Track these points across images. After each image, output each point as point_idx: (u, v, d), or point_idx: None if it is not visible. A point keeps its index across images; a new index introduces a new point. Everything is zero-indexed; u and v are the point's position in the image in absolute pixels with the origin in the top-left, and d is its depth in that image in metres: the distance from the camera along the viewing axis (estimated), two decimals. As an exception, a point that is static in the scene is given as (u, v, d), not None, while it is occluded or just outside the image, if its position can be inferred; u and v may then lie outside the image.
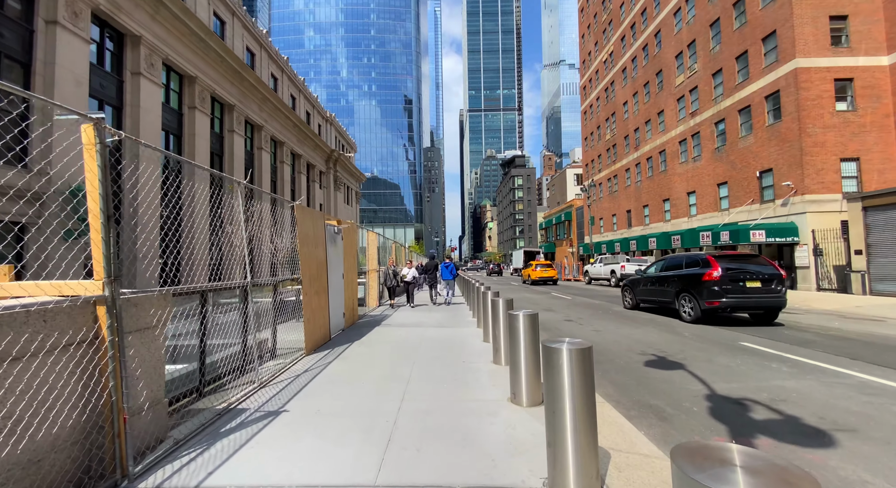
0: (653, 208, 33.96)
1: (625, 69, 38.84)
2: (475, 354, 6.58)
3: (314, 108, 44.16)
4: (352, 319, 9.77)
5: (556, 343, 2.94)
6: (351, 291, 9.63)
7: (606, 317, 11.69)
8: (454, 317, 11.17)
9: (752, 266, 10.19)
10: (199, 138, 23.55)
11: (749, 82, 23.00)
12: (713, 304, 9.78)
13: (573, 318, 11.45)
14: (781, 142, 20.96)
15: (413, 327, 9.41)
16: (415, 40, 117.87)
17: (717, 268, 9.97)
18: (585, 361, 2.78)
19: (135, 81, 19.20)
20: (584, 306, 14.61)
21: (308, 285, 6.71)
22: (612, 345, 7.74)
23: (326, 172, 46.39)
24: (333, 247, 8.31)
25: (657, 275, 12.16)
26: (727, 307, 9.74)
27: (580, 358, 2.77)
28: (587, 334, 8.99)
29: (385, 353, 6.71)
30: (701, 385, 5.30)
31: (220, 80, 25.46)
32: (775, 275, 10.01)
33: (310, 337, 6.67)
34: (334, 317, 8.22)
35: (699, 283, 10.16)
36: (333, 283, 8.20)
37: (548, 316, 12.07)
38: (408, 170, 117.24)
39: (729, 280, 9.85)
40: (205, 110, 24.00)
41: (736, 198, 24.24)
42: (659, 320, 10.80)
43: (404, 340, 7.81)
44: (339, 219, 8.93)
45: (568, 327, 10.01)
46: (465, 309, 13.60)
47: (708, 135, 26.63)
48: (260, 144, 31.05)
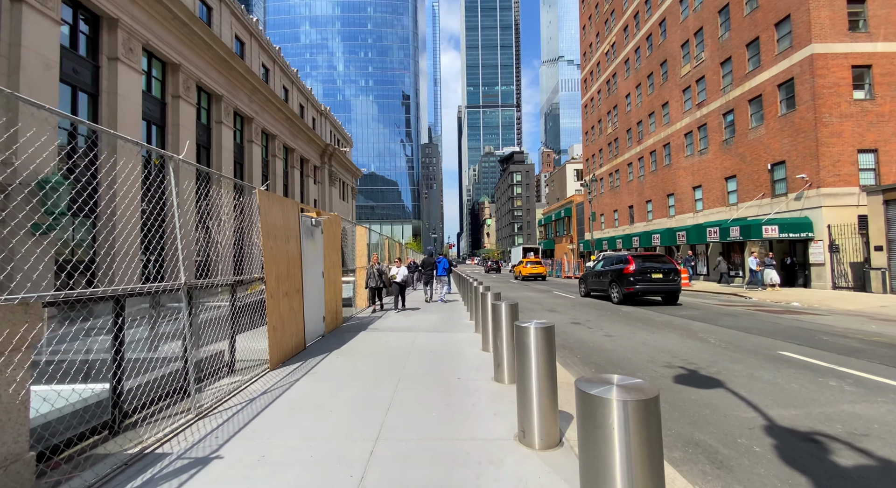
0: (656, 203, 32.95)
1: (627, 60, 37.73)
2: (473, 368, 5.54)
3: (308, 100, 42.96)
4: (334, 323, 8.72)
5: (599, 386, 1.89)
6: (333, 292, 8.58)
7: (616, 318, 10.67)
8: (450, 319, 10.14)
9: (657, 263, 13.86)
10: (184, 129, 22.39)
11: (760, 70, 21.94)
12: (630, 290, 13.53)
13: (580, 320, 10.43)
14: (795, 133, 19.93)
15: (403, 332, 8.37)
16: (412, 34, 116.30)
17: (632, 264, 13.66)
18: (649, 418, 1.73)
19: (112, 67, 18.01)
20: (589, 306, 13.58)
21: (274, 286, 5.66)
22: (630, 355, 6.72)
23: (321, 167, 45.25)
24: (311, 242, 7.25)
25: (599, 270, 15.78)
26: (639, 292, 13.56)
27: (640, 413, 1.71)
28: (599, 340, 7.96)
29: (366, 367, 5.66)
30: (752, 410, 4.28)
31: (207, 68, 24.29)
32: (673, 269, 13.84)
33: (276, 348, 5.62)
34: (311, 322, 7.17)
35: (622, 275, 13.90)
36: (310, 283, 7.15)
37: (552, 318, 11.05)
38: (405, 167, 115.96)
39: (640, 273, 13.55)
40: (190, 100, 22.84)
41: (745, 192, 23.22)
42: (677, 322, 9.78)
43: (391, 349, 6.77)
44: (319, 210, 7.88)
45: (576, 332, 8.98)
46: (462, 308, 12.58)
47: (715, 127, 25.59)
48: (250, 137, 29.89)
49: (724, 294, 18.28)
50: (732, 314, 11.22)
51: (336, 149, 46.61)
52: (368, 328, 8.91)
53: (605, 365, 6.19)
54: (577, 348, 7.31)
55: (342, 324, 9.27)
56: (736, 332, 8.42)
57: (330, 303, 8.30)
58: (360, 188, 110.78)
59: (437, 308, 12.48)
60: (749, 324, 9.49)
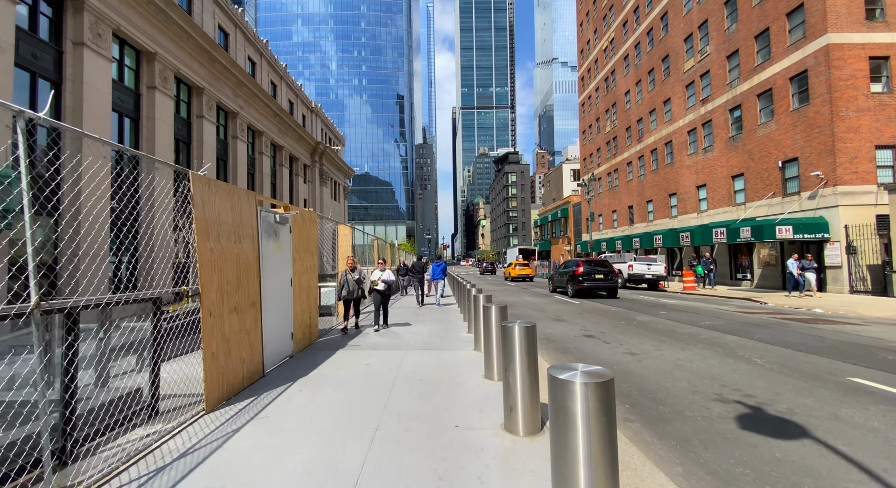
0: (657, 203, 31.87)
1: (627, 56, 36.69)
2: (475, 408, 4.23)
3: (298, 97, 41.51)
4: (307, 339, 7.37)
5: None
6: (306, 302, 7.24)
7: (631, 330, 9.41)
8: (444, 330, 8.83)
9: (600, 267, 17.84)
10: (160, 122, 20.94)
11: (771, 63, 20.88)
12: (580, 287, 17.39)
13: (593, 332, 9.16)
14: (809, 128, 18.87)
15: (388, 350, 7.04)
16: (406, 34, 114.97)
17: (581, 267, 17.66)
18: None
19: (77, 53, 16.55)
20: (598, 314, 12.34)
21: (216, 300, 4.33)
22: (666, 381, 5.45)
23: (311, 166, 43.83)
24: (274, 243, 5.91)
25: (561, 271, 19.98)
26: (586, 288, 17.40)
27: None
28: (622, 360, 6.69)
29: (335, 407, 4.33)
30: (872, 482, 3.01)
31: (187, 59, 22.85)
32: (611, 270, 17.74)
33: (216, 382, 4.28)
34: (273, 341, 5.83)
35: (574, 275, 17.75)
36: (273, 294, 5.81)
37: (561, 329, 9.77)
38: (399, 167, 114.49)
39: (586, 274, 17.46)
40: (167, 91, 21.39)
41: (754, 191, 22.15)
42: (704, 336, 8.55)
43: (370, 377, 5.44)
44: (287, 204, 6.54)
45: (593, 348, 7.70)
46: (457, 314, 11.27)
47: (721, 124, 24.53)
48: (235, 133, 28.44)
49: (737, 298, 17.14)
50: (761, 324, 10.02)
51: (327, 148, 45.22)
52: (348, 345, 7.57)
53: (638, 396, 4.91)
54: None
55: (318, 340, 7.91)
56: (781, 350, 7.18)
57: (301, 316, 6.95)
58: (354, 188, 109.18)
59: (429, 315, 11.17)
60: (789, 337, 8.27)
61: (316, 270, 7.81)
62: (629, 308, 13.66)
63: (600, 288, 17.43)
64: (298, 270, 6.83)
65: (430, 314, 11.81)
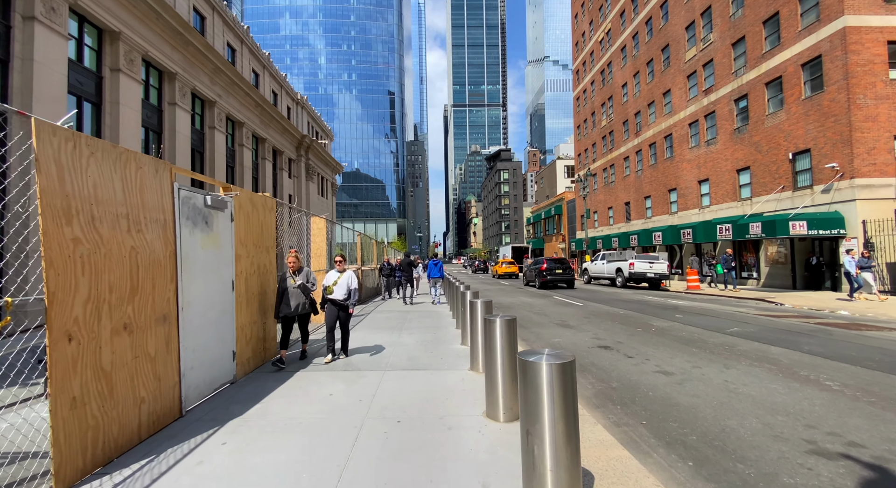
0: (656, 199, 30.72)
1: (624, 47, 35.47)
2: (479, 472, 2.79)
3: (282, 87, 39.69)
4: (260, 357, 5.86)
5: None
6: (257, 311, 5.73)
7: (653, 338, 8.06)
8: (434, 341, 7.40)
9: (559, 264, 22.26)
10: (126, 108, 19.20)
11: (781, 49, 19.72)
12: (544, 280, 21.76)
13: (608, 342, 7.79)
14: (823, 117, 17.73)
15: (362, 371, 5.58)
16: (397, 28, 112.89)
17: (545, 264, 22.11)
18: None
19: (28, 28, 14.77)
20: (606, 318, 10.98)
21: (84, 317, 2.85)
22: (727, 417, 4.06)
23: (297, 160, 42.10)
24: (203, 233, 4.41)
25: (531, 267, 23.92)
26: (549, 281, 21.82)
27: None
28: (657, 384, 5.30)
29: (266, 479, 2.87)
30: None
31: (157, 40, 21.08)
32: (568, 267, 22.36)
33: (77, 442, 2.79)
34: (201, 366, 4.32)
35: (539, 271, 22.01)
36: (201, 301, 4.32)
37: (569, 337, 8.37)
38: (390, 164, 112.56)
39: (548, 269, 21.86)
40: (134, 75, 19.63)
41: (761, 185, 21.01)
42: (744, 347, 7.21)
43: (331, 416, 3.97)
44: (228, 184, 5.03)
45: (612, 363, 6.31)
46: (448, 319, 9.84)
47: (726, 115, 23.37)
48: (212, 123, 26.69)
49: (748, 298, 15.94)
50: (800, 331, 8.73)
51: (314, 142, 43.45)
52: (312, 362, 6.08)
53: (700, 445, 3.52)
54: (631, 401, 4.64)
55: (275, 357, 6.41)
56: (849, 367, 5.84)
57: (250, 328, 5.45)
58: (344, 185, 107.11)
59: (417, 321, 9.71)
60: (846, 349, 6.96)
61: (274, 270, 6.30)
62: (639, 311, 12.33)
63: (559, 280, 22.16)
64: (246, 270, 5.33)
65: (417, 319, 10.35)
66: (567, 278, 22.05)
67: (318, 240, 9.43)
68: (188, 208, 4.16)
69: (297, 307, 5.95)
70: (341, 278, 6.24)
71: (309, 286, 6.03)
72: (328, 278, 6.30)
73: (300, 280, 5.96)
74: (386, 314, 11.41)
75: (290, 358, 6.32)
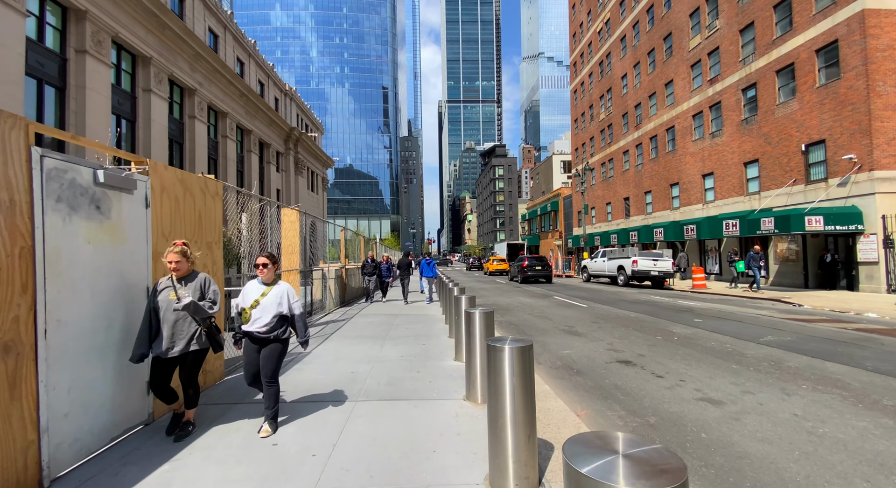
0: (657, 194, 29.67)
1: (624, 37, 34.31)
2: None
3: (269, 78, 38.16)
4: (204, 382, 4.61)
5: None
6: (196, 322, 4.47)
7: (679, 350, 6.89)
8: (422, 355, 6.18)
9: (539, 261, 24.75)
10: (94, 93, 17.75)
11: (793, 34, 18.64)
12: (525, 275, 24.20)
13: (627, 355, 6.61)
14: (839, 106, 16.68)
15: (323, 404, 4.35)
16: (391, 21, 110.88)
17: (526, 261, 24.61)
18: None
19: (-25, 3, 13.32)
20: (617, 322, 9.82)
21: None
22: (832, 486, 2.89)
23: (285, 154, 40.61)
24: (88, 223, 3.14)
25: (517, 264, 25.75)
26: (529, 277, 24.34)
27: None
28: (703, 416, 4.12)
29: None
30: None
31: (129, 22, 19.60)
32: (546, 264, 24.83)
33: None
34: (80, 414, 3.02)
35: (522, 267, 24.43)
36: (87, 318, 3.06)
37: (581, 348, 7.19)
38: (384, 160, 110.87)
39: (529, 266, 24.32)
40: (102, 57, 18.16)
41: (770, 178, 19.97)
42: (793, 363, 6.07)
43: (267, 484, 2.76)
44: (143, 158, 3.76)
45: (640, 385, 5.13)
46: (440, 325, 8.62)
47: (732, 105, 22.30)
48: (193, 112, 25.21)
49: (761, 298, 14.86)
50: (845, 340, 7.60)
51: (303, 135, 41.95)
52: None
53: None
54: (682, 447, 3.46)
55: (220, 381, 5.14)
56: None
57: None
58: (337, 181, 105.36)
59: (404, 327, 8.49)
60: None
61: (220, 271, 5.04)
62: (651, 314, 11.19)
63: (539, 276, 24.66)
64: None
65: (405, 325, 9.12)
66: (545, 274, 24.74)
67: (291, 235, 8.16)
68: (62, 186, 2.89)
69: (176, 341, 3.45)
70: (269, 294, 3.73)
71: (205, 305, 3.56)
72: (246, 294, 3.79)
73: (186, 294, 3.46)
74: (370, 318, 10.16)
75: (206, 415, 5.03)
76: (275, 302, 3.73)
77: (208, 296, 3.67)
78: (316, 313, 10.44)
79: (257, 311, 3.69)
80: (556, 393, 4.79)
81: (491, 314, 4.41)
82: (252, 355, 3.76)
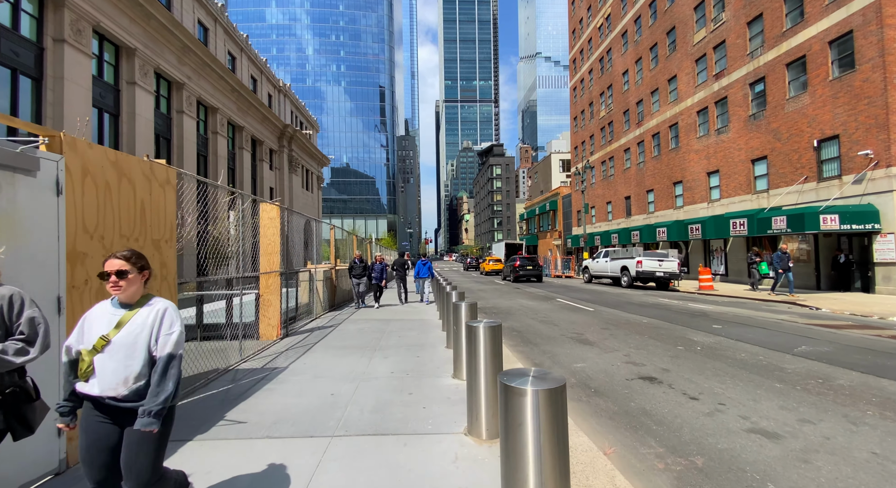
0: (659, 193, 28.94)
1: (625, 33, 33.58)
2: None
3: (262, 73, 37.25)
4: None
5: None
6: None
7: (706, 363, 6.10)
8: (415, 370, 5.35)
9: (529, 262, 26.24)
10: (73, 84, 16.89)
11: (804, 26, 17.93)
12: (517, 274, 25.70)
13: (650, 369, 5.82)
14: (854, 100, 15.97)
15: (288, 443, 3.51)
16: (387, 19, 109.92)
17: (518, 261, 25.95)
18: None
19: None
20: (629, 329, 9.03)
21: None
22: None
23: (279, 151, 39.72)
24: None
25: (510, 265, 27.19)
26: (521, 276, 25.75)
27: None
28: (761, 457, 3.31)
29: None
30: None
31: (111, 11, 18.72)
32: (537, 264, 26.45)
33: None
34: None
35: (515, 267, 25.90)
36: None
37: (595, 361, 6.38)
38: (381, 159, 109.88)
39: (521, 266, 25.75)
40: (82, 47, 17.31)
41: (780, 176, 19.25)
42: (842, 381, 5.29)
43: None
44: (52, 131, 2.93)
45: (671, 409, 4.32)
46: (437, 333, 7.79)
47: (739, 100, 21.58)
48: (181, 107, 24.32)
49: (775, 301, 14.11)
50: (888, 350, 6.83)
51: (297, 132, 41.05)
52: (225, 417, 4.00)
53: None
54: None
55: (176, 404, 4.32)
56: None
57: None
58: (333, 181, 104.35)
59: (396, 335, 7.66)
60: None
61: (172, 277, 4.20)
62: (664, 318, 10.41)
63: (530, 275, 26.09)
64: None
65: (398, 332, 8.28)
66: (536, 273, 26.31)
67: (270, 233, 7.32)
68: None
69: None
70: (128, 325, 2.07)
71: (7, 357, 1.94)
72: (85, 327, 2.10)
73: None
74: (360, 325, 9.32)
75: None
76: (140, 340, 2.06)
77: (16, 328, 2.04)
78: (301, 318, 9.59)
79: (105, 358, 2.02)
80: (576, 421, 3.98)
81: (498, 329, 3.60)
82: (100, 436, 2.06)
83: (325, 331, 8.46)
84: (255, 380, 5.07)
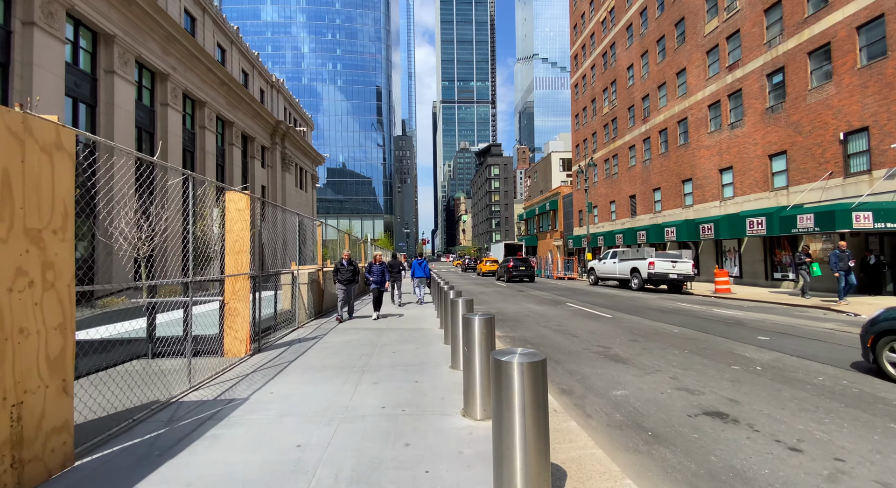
0: (667, 191, 27.78)
1: (630, 26, 32.45)
2: None
3: (254, 67, 35.90)
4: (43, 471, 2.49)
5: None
6: (19, 359, 2.35)
7: (784, 389, 4.85)
8: (413, 404, 4.07)
9: (522, 263, 27.99)
10: (44, 71, 15.59)
11: (828, 11, 16.79)
12: (511, 275, 27.21)
13: (710, 399, 4.56)
14: (886, 88, 14.82)
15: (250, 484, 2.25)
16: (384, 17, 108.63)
17: (511, 262, 27.62)
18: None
19: None
20: (661, 341, 7.78)
21: None
22: None
23: (271, 148, 38.39)
24: None
25: (504, 266, 28.80)
26: (514, 276, 27.28)
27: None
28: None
29: None
30: None
31: (87, -6, 17.37)
32: (529, 265, 28.22)
33: None
34: None
35: (508, 268, 27.47)
36: None
37: (636, 385, 5.11)
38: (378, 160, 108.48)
39: (514, 267, 27.43)
40: (54, 31, 16.01)
41: (801, 172, 18.10)
42: None
43: None
44: None
45: (772, 470, 3.07)
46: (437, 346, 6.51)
47: (755, 93, 20.42)
48: (164, 99, 23.00)
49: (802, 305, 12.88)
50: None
51: (290, 129, 39.70)
52: (160, 468, 2.73)
53: None
54: None
55: (91, 459, 3.00)
56: None
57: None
58: (330, 180, 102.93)
59: (390, 351, 6.38)
60: None
61: (67, 276, 2.93)
62: (698, 328, 9.16)
63: (522, 275, 27.50)
64: None
65: (392, 346, 6.99)
66: (528, 274, 27.78)
67: (238, 227, 6.03)
68: None
69: None
70: None
71: None
72: None
73: None
74: (349, 335, 8.01)
75: None
76: None
77: None
78: (281, 328, 8.29)
79: None
80: (637, 484, 2.73)
81: (539, 366, 2.34)
82: None
83: (305, 344, 7.15)
84: (198, 421, 3.77)
